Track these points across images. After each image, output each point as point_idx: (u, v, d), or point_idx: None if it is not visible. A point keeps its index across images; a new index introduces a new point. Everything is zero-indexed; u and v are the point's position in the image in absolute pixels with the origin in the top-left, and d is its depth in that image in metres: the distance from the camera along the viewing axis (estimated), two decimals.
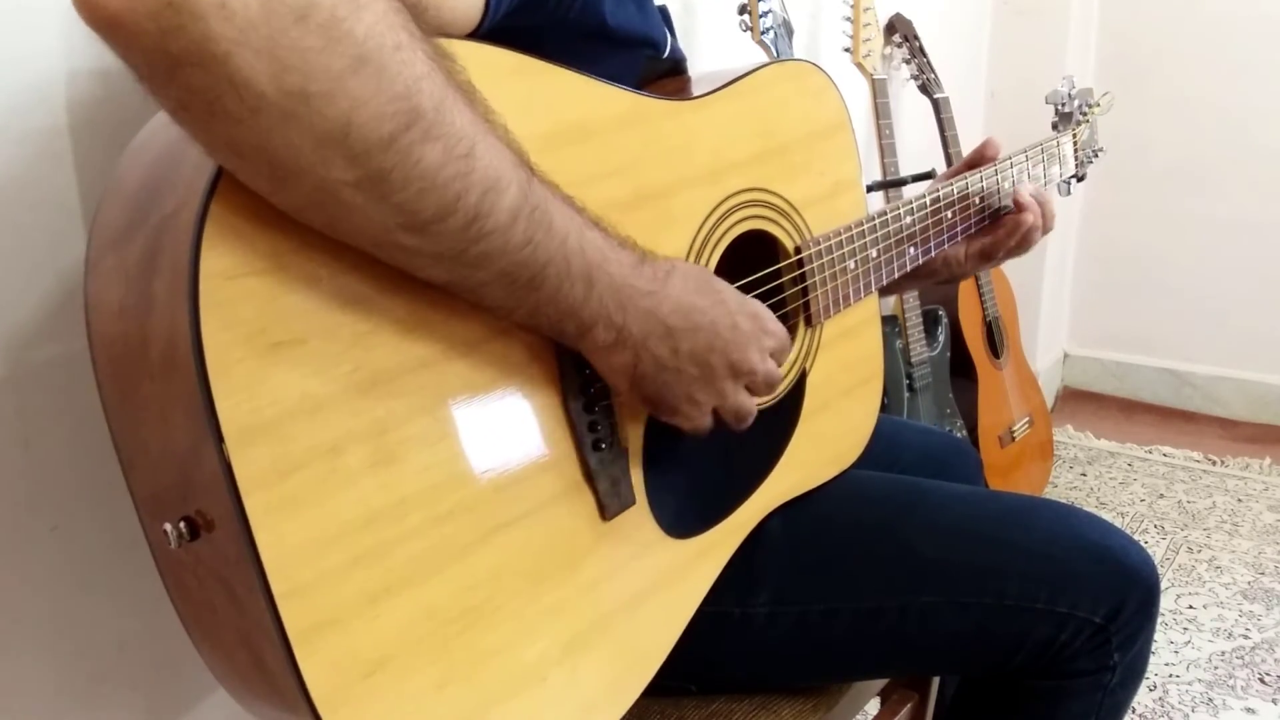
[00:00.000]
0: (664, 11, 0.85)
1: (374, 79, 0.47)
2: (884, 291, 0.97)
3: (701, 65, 0.88)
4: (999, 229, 0.99)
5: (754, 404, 0.71)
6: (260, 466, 0.50)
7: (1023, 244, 0.99)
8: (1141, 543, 0.89)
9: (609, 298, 0.61)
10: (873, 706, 1.05)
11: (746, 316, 0.69)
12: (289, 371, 0.51)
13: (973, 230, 1.00)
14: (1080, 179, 1.22)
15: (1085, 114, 1.23)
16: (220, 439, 0.48)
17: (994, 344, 2.10)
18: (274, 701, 0.56)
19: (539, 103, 0.63)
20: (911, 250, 0.93)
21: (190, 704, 0.91)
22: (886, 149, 1.74)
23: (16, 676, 0.78)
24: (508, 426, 0.62)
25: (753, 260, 0.81)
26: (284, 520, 0.51)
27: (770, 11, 1.44)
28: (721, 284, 0.70)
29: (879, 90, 1.76)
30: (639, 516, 0.71)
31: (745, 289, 0.79)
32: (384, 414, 0.55)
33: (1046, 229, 1.01)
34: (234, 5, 0.43)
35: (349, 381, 0.54)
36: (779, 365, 0.72)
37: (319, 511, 0.52)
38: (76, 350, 0.79)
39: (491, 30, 0.61)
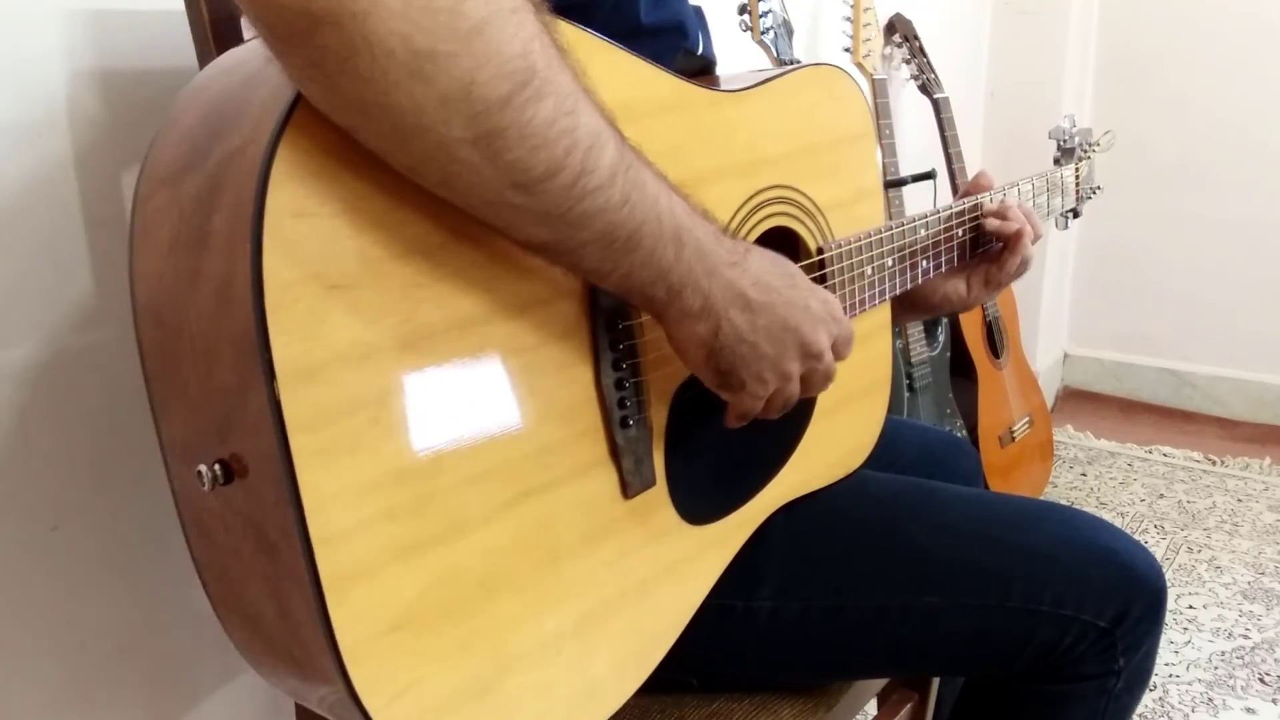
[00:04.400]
0: (699, 11, 0.86)
1: (495, 39, 0.48)
2: (896, 319, 0.98)
3: (715, 63, 0.88)
4: (998, 253, 1.00)
5: (798, 396, 0.72)
6: (308, 409, 0.50)
7: (1025, 262, 0.99)
8: (1142, 543, 0.89)
9: (696, 262, 0.62)
10: (873, 706, 1.05)
11: (818, 300, 0.70)
12: (342, 315, 0.51)
13: (980, 251, 1.01)
14: (1077, 215, 1.25)
15: (1086, 151, 1.25)
16: (272, 377, 0.48)
17: (994, 344, 2.10)
18: (296, 656, 0.56)
19: (590, 78, 0.64)
20: (924, 263, 0.94)
21: (190, 704, 0.91)
22: (886, 149, 1.74)
23: (17, 676, 0.78)
24: (541, 394, 0.62)
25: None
26: (326, 466, 0.51)
27: (770, 11, 1.44)
28: (794, 267, 0.70)
29: (879, 90, 1.76)
30: (657, 498, 0.71)
31: None
32: (425, 367, 0.55)
33: (1036, 237, 1.01)
34: None
35: (396, 333, 0.54)
36: (839, 357, 0.73)
37: (359, 460, 0.52)
38: (77, 349, 0.79)
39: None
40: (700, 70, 0.83)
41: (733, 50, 1.50)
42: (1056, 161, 1.25)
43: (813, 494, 0.87)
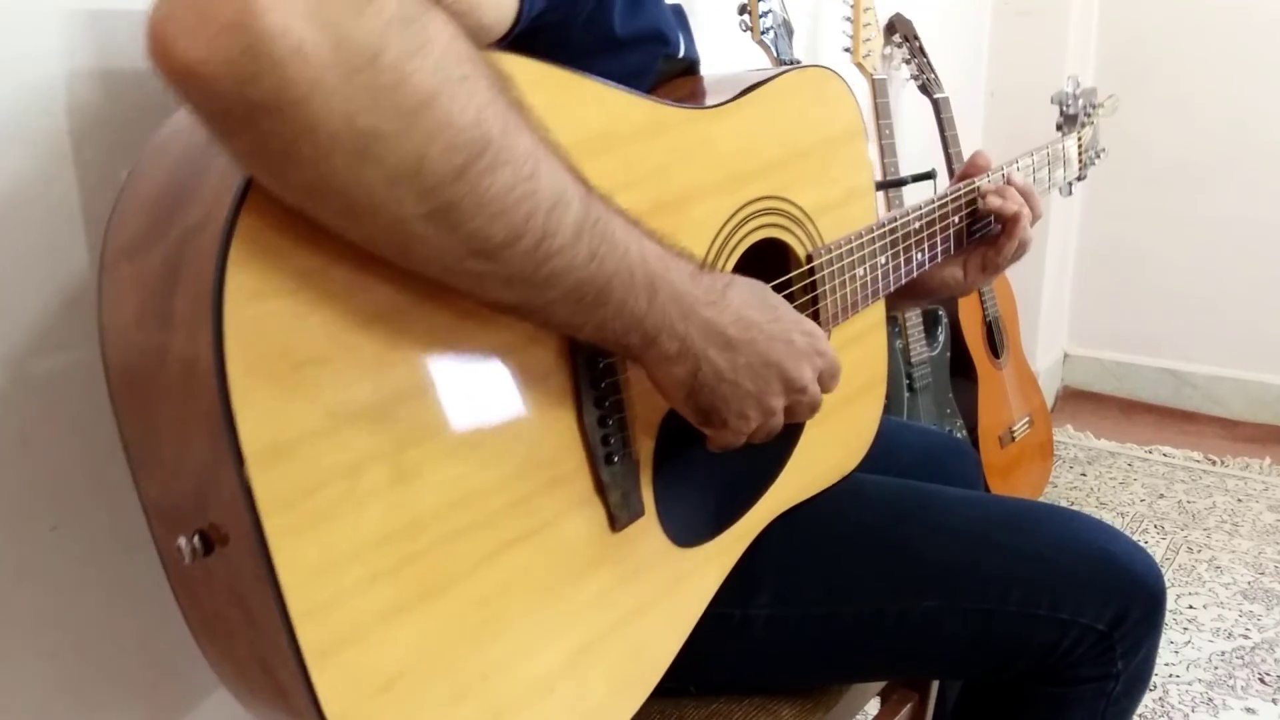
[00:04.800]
0: (678, 10, 0.85)
1: (444, 113, 0.47)
2: (891, 305, 0.96)
3: (701, 65, 0.88)
4: (995, 237, 0.98)
5: (783, 422, 0.71)
6: (280, 488, 0.50)
7: (1022, 245, 0.97)
8: (1141, 543, 0.88)
9: (671, 307, 0.61)
10: (873, 706, 1.05)
11: (802, 334, 0.69)
12: (311, 392, 0.51)
13: (978, 234, 0.99)
14: (1081, 179, 1.22)
15: (1090, 115, 1.23)
16: (241, 461, 0.48)
17: (994, 344, 2.10)
18: (285, 715, 0.56)
19: (562, 114, 0.62)
20: (919, 255, 0.92)
21: (191, 704, 0.91)
22: (886, 149, 1.74)
23: (16, 676, 0.78)
24: (523, 441, 0.62)
25: (766, 268, 0.81)
26: (302, 540, 0.51)
27: (770, 11, 1.43)
28: (777, 299, 0.70)
29: (879, 90, 1.76)
30: (647, 526, 0.71)
31: None
32: (404, 432, 0.55)
33: (1036, 217, 0.99)
34: (309, 50, 0.43)
35: (370, 400, 0.53)
36: (825, 390, 0.72)
37: (337, 531, 0.52)
38: (77, 352, 0.79)
39: (512, 42, 0.61)
40: (684, 73, 0.82)
41: (733, 50, 1.49)
42: (1059, 127, 1.22)
43: (810, 499, 0.87)
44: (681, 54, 0.82)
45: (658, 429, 0.72)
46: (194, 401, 0.50)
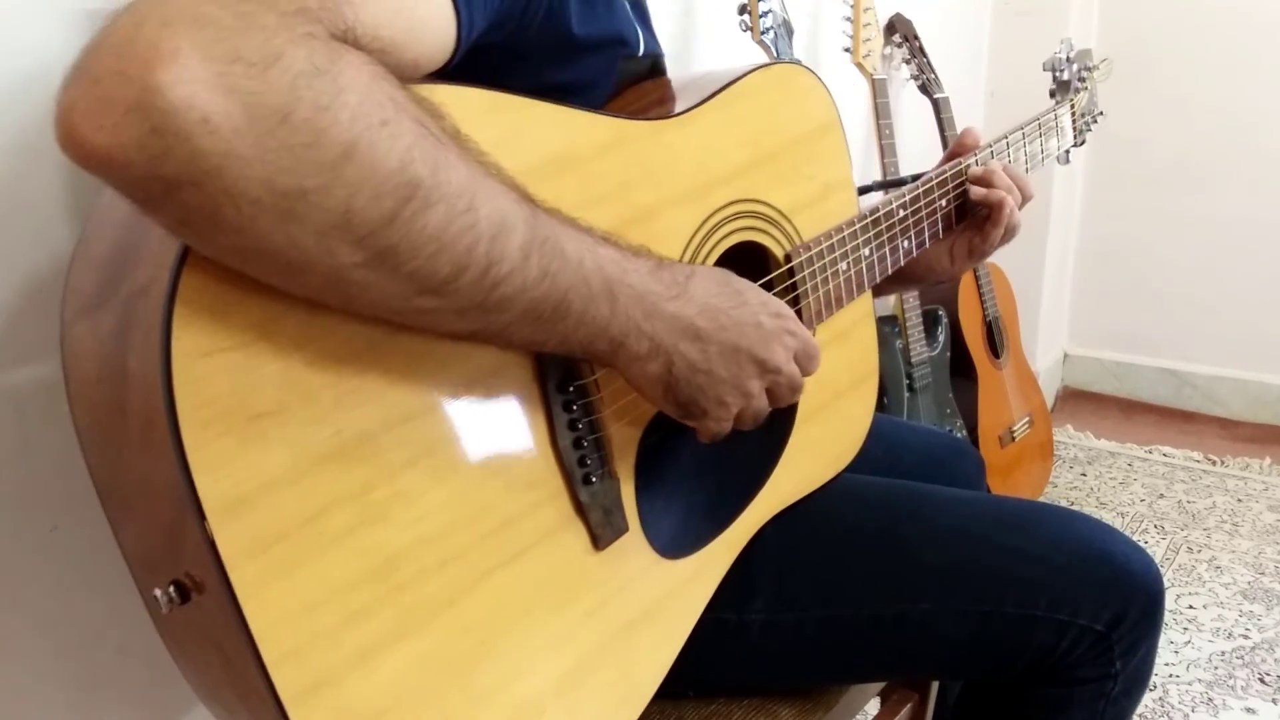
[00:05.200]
0: (636, 2, 0.83)
1: (367, 162, 0.46)
2: (877, 291, 0.95)
3: (701, 65, 0.87)
4: (981, 222, 0.97)
5: (768, 409, 0.71)
6: (244, 540, 0.50)
7: (1010, 230, 0.96)
8: (1141, 543, 0.88)
9: (634, 308, 0.61)
10: (873, 706, 1.05)
11: (769, 315, 0.69)
12: (269, 442, 0.51)
13: (967, 216, 0.98)
14: (1080, 144, 1.20)
15: (1084, 79, 1.20)
16: (202, 516, 0.48)
17: (994, 344, 2.10)
18: None
19: (517, 139, 0.62)
20: (905, 243, 0.91)
21: (191, 704, 0.91)
22: (886, 149, 1.74)
23: (17, 677, 0.78)
24: (496, 470, 0.62)
25: (746, 272, 0.80)
26: (271, 588, 0.51)
27: (770, 11, 1.43)
28: (742, 283, 0.69)
29: (879, 90, 1.76)
30: (633, 542, 0.71)
31: None
32: (370, 473, 0.55)
33: (1026, 199, 0.97)
34: (217, 119, 0.42)
35: (331, 445, 0.53)
36: (805, 373, 0.72)
37: (306, 576, 0.52)
38: None
39: (466, 55, 0.60)
40: (649, 71, 0.81)
41: (733, 50, 1.49)
42: (1052, 94, 1.20)
43: (804, 502, 0.86)
44: (642, 51, 0.80)
45: (637, 445, 0.71)
46: (153, 458, 0.50)
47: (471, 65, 0.59)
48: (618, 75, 0.77)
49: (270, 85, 0.43)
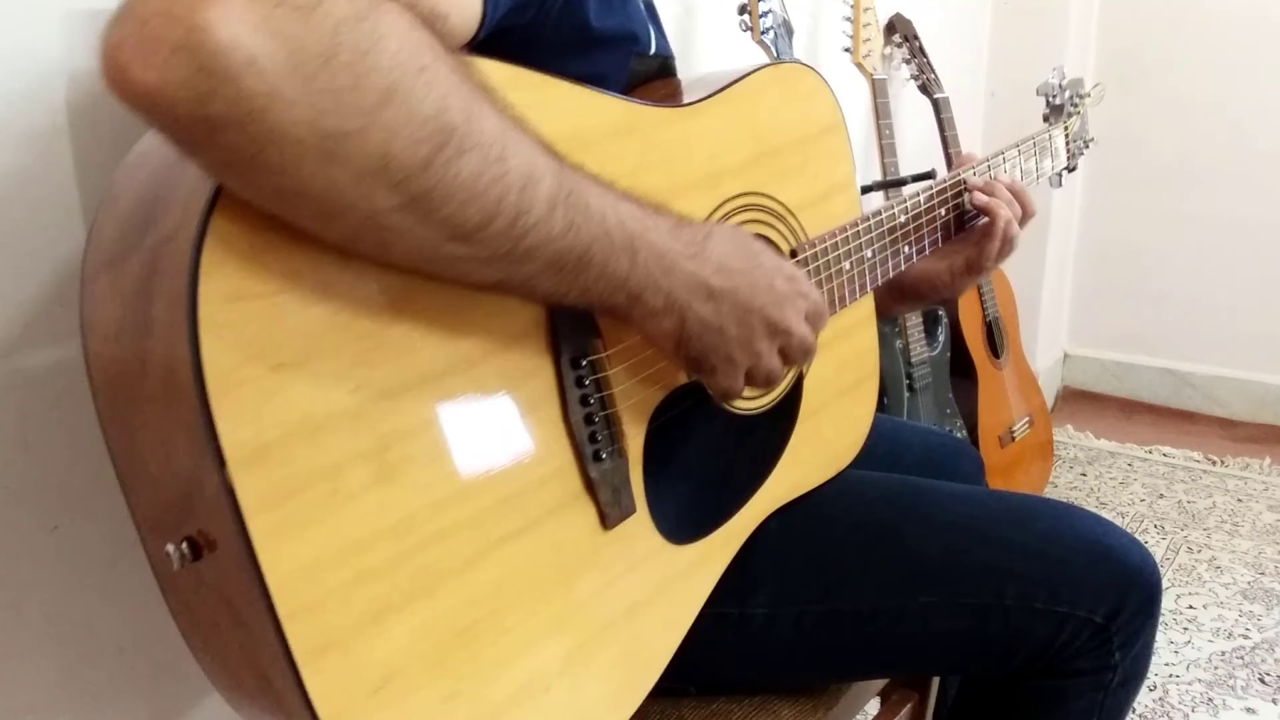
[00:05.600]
0: (648, 4, 0.85)
1: (404, 106, 0.47)
2: (884, 311, 0.96)
3: (701, 66, 0.88)
4: (978, 236, 0.96)
5: (782, 368, 0.72)
6: (262, 490, 0.50)
7: (1006, 244, 0.95)
8: (1141, 543, 0.88)
9: (653, 264, 0.62)
10: (873, 706, 1.05)
11: (783, 278, 0.70)
12: (290, 393, 0.51)
13: (964, 230, 0.99)
14: (1071, 169, 1.22)
15: (1076, 105, 1.22)
16: (222, 464, 0.48)
17: (994, 344, 2.10)
18: (281, 718, 0.56)
19: (534, 115, 0.62)
20: (906, 249, 0.93)
21: (191, 704, 0.91)
22: (886, 149, 1.74)
23: (17, 677, 0.78)
24: (509, 439, 0.62)
25: None
26: (287, 542, 0.51)
27: (770, 11, 1.43)
28: (758, 245, 0.70)
29: (879, 90, 1.76)
30: (639, 524, 0.71)
31: None
32: (386, 431, 0.55)
33: (1027, 216, 0.97)
34: (263, 60, 0.43)
35: (351, 400, 0.54)
36: (816, 332, 0.73)
37: (322, 532, 0.52)
38: (77, 351, 0.79)
39: (488, 36, 0.61)
40: (658, 71, 0.82)
41: (733, 50, 1.50)
42: (1045, 119, 1.22)
43: (805, 497, 0.87)
44: (653, 50, 0.82)
45: (647, 424, 0.72)
46: (174, 408, 0.50)
47: (489, 53, 0.60)
48: (628, 74, 0.78)
49: (313, 29, 0.44)
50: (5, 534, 0.76)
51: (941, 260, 0.98)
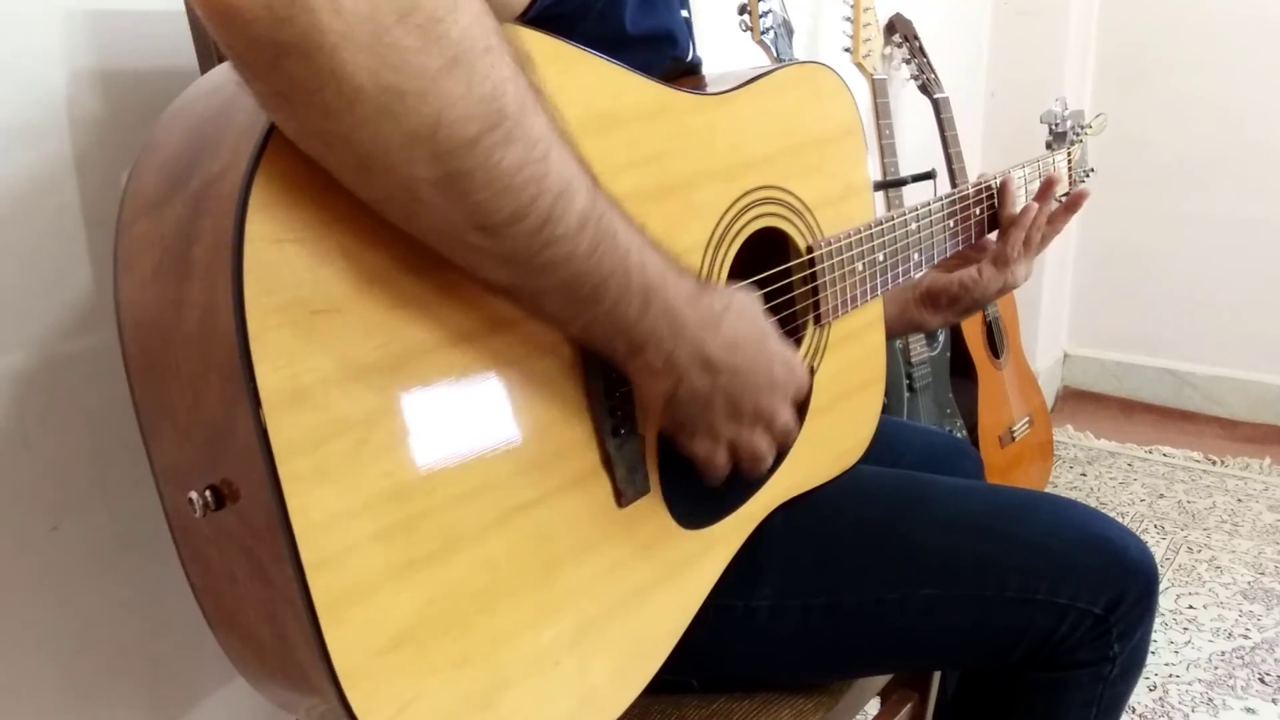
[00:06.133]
0: (688, 22, 0.86)
1: (465, 80, 0.48)
2: (906, 329, 1.01)
3: (701, 65, 0.88)
4: (1005, 225, 1.02)
5: (768, 448, 0.72)
6: (295, 434, 0.50)
7: (1007, 268, 1.03)
8: (1138, 536, 0.90)
9: (662, 321, 0.61)
10: (873, 706, 1.05)
11: (784, 365, 0.70)
12: (327, 340, 0.51)
13: (973, 239, 1.02)
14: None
15: (1079, 134, 1.25)
16: (258, 404, 0.48)
17: (994, 344, 2.10)
18: (291, 675, 0.56)
19: (571, 90, 0.63)
20: (915, 256, 0.94)
21: (191, 704, 0.91)
22: (886, 149, 1.74)
23: (17, 676, 0.78)
24: (532, 408, 0.62)
25: (765, 256, 0.82)
26: (315, 489, 0.50)
27: (770, 11, 1.44)
28: (768, 325, 0.70)
29: (879, 90, 1.76)
30: (652, 505, 0.71)
31: (758, 285, 0.79)
32: (414, 388, 0.55)
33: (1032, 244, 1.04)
34: (344, 1, 0.44)
35: (382, 354, 0.54)
36: (800, 420, 0.74)
37: (349, 482, 0.52)
38: (77, 351, 0.79)
39: (534, 18, 0.62)
40: (686, 74, 0.83)
41: (733, 50, 1.50)
42: (1048, 145, 1.25)
43: (810, 491, 0.88)
44: (690, 57, 0.83)
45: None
46: (211, 348, 0.50)
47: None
48: (661, 74, 0.78)
49: None
50: (5, 534, 0.76)
51: (968, 261, 1.02)
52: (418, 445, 0.55)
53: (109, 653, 0.84)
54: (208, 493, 0.52)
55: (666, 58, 0.79)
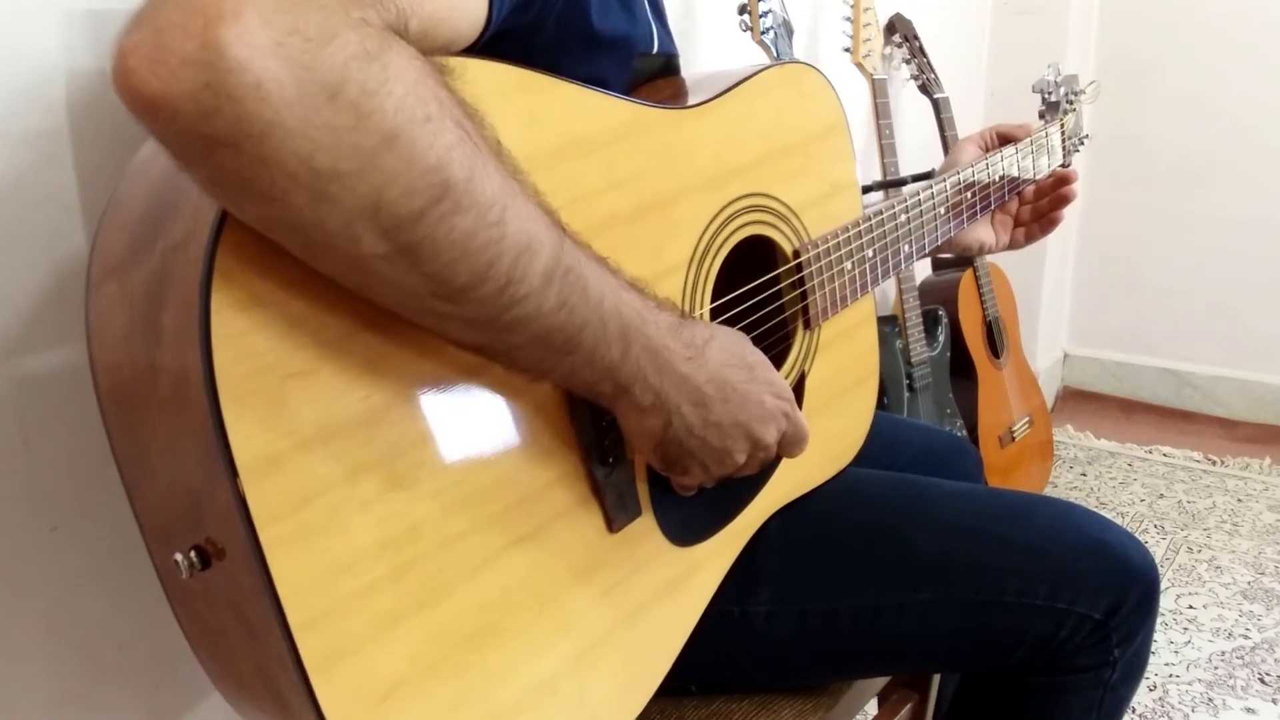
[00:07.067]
0: (653, 2, 0.84)
1: (405, 155, 0.46)
2: (935, 250, 1.02)
3: (701, 65, 0.88)
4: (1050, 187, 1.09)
5: (745, 471, 0.72)
6: (274, 499, 0.49)
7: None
8: (1139, 539, 0.89)
9: (646, 360, 0.61)
10: (873, 707, 1.05)
11: (773, 395, 0.70)
12: (302, 402, 0.51)
13: (964, 222, 1.01)
14: (1065, 167, 1.23)
15: (1072, 102, 1.23)
16: (234, 473, 0.48)
17: (994, 344, 2.10)
18: None
19: (542, 118, 0.62)
20: (906, 248, 0.93)
21: (191, 704, 0.91)
22: (886, 149, 1.74)
23: (16, 676, 0.78)
24: (517, 445, 0.62)
25: (752, 264, 0.81)
26: (298, 551, 0.50)
27: (770, 11, 1.43)
28: (756, 356, 0.70)
29: (879, 90, 1.76)
30: (645, 527, 0.71)
31: (745, 295, 0.79)
32: (396, 439, 0.55)
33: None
34: (269, 86, 0.43)
35: (361, 408, 0.53)
36: (788, 455, 0.74)
37: (333, 540, 0.52)
38: (77, 351, 0.79)
39: (485, 45, 0.61)
40: (661, 69, 0.82)
41: (733, 50, 1.50)
42: (1041, 115, 1.23)
43: (806, 496, 0.87)
44: (656, 49, 0.81)
45: None
46: (185, 416, 0.50)
47: (492, 56, 0.60)
48: (632, 74, 0.78)
49: (323, 62, 0.44)
50: (5, 534, 0.76)
51: (982, 224, 1.08)
52: (402, 496, 0.55)
53: (109, 653, 0.84)
54: (192, 553, 0.52)
55: (633, 56, 0.78)
